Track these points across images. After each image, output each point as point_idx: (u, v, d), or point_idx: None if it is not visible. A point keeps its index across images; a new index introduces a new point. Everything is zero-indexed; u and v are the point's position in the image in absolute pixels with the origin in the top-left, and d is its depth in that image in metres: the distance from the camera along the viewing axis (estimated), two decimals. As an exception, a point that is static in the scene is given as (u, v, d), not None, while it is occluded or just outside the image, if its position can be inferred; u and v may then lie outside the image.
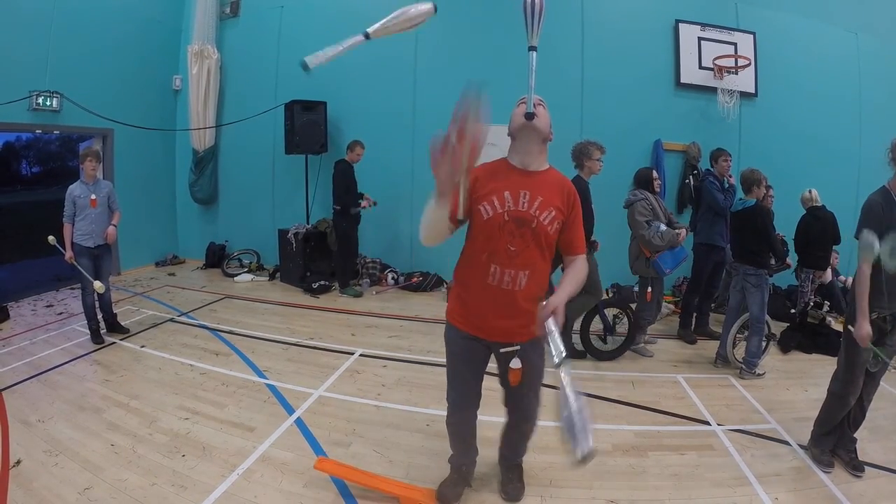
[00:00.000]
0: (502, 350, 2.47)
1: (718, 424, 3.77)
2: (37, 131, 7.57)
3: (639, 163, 6.03)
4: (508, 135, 2.45)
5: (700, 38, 7.01)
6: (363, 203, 6.97)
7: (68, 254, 5.18)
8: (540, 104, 2.41)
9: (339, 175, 6.77)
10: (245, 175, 8.96)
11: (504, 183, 2.34)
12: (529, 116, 2.32)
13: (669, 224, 4.98)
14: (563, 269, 2.45)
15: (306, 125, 7.59)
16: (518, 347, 2.42)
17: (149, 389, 4.35)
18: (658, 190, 5.21)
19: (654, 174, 5.16)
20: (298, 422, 3.76)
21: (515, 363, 2.42)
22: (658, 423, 3.82)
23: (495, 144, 7.09)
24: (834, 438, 3.30)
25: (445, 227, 2.24)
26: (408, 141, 7.48)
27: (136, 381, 4.54)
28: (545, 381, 2.69)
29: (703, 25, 7.01)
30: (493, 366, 2.65)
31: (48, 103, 7.06)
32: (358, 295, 7.01)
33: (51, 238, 5.20)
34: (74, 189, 5.24)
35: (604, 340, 5.08)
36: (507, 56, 7.19)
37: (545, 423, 2.93)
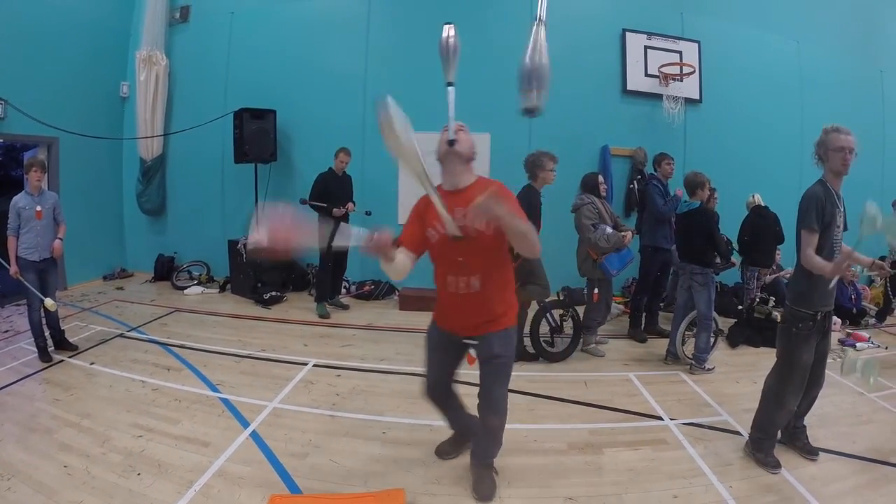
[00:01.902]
0: (464, 341, 2.83)
1: (671, 419, 3.90)
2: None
3: (587, 168, 6.20)
4: (437, 160, 2.73)
5: (646, 47, 7.23)
6: (336, 210, 6.57)
7: (13, 268, 5.01)
8: (461, 130, 2.73)
9: (315, 182, 6.63)
10: (194, 184, 8.80)
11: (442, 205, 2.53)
12: (451, 143, 2.64)
13: (616, 227, 5.13)
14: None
15: (256, 133, 7.51)
16: (476, 342, 2.79)
17: (100, 408, 4.24)
18: (605, 194, 5.37)
19: (601, 179, 5.32)
20: (254, 435, 3.74)
21: (472, 351, 2.86)
22: (612, 420, 3.92)
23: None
24: (774, 442, 3.38)
25: (406, 266, 2.68)
26: (357, 150, 7.40)
27: (87, 399, 4.42)
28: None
29: (650, 34, 7.22)
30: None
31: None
32: (324, 315, 6.70)
33: None
34: (19, 200, 5.07)
35: (551, 343, 5.18)
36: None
37: (509, 426, 2.98)
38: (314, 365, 5.04)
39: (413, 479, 3.17)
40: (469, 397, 3.18)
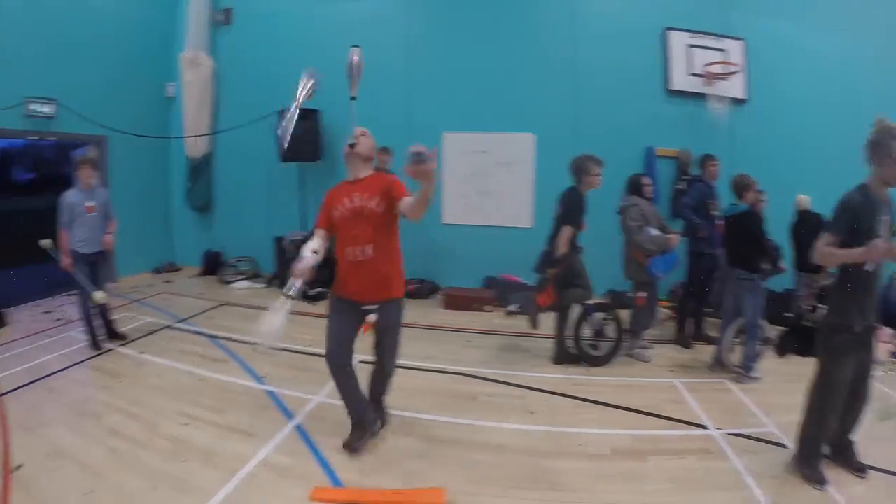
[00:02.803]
0: (363, 307, 3.35)
1: (716, 428, 3.77)
2: (31, 137, 7.57)
3: (631, 169, 6.05)
4: (343, 157, 3.44)
5: (690, 46, 7.07)
6: None
7: (65, 260, 5.19)
8: (363, 135, 3.44)
9: None
10: (241, 182, 8.99)
11: (343, 193, 3.34)
12: (352, 146, 3.34)
13: (662, 229, 5.03)
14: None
15: (300, 133, 7.56)
16: (376, 307, 3.35)
17: (148, 395, 4.36)
18: (650, 196, 5.26)
19: (645, 180, 5.22)
20: (298, 427, 3.78)
21: (371, 318, 3.34)
22: (656, 427, 3.82)
23: (486, 151, 7.10)
24: (820, 456, 3.22)
25: (324, 243, 3.40)
26: (401, 149, 7.39)
27: (136, 387, 4.55)
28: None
29: (693, 33, 7.06)
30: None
31: (42, 110, 7.11)
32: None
33: (44, 242, 5.19)
34: (70, 196, 5.25)
35: (594, 346, 5.10)
36: (497, 60, 7.28)
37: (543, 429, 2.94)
38: (359, 361, 5.00)
39: (454, 478, 3.14)
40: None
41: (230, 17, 9.01)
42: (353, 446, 3.43)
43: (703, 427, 3.80)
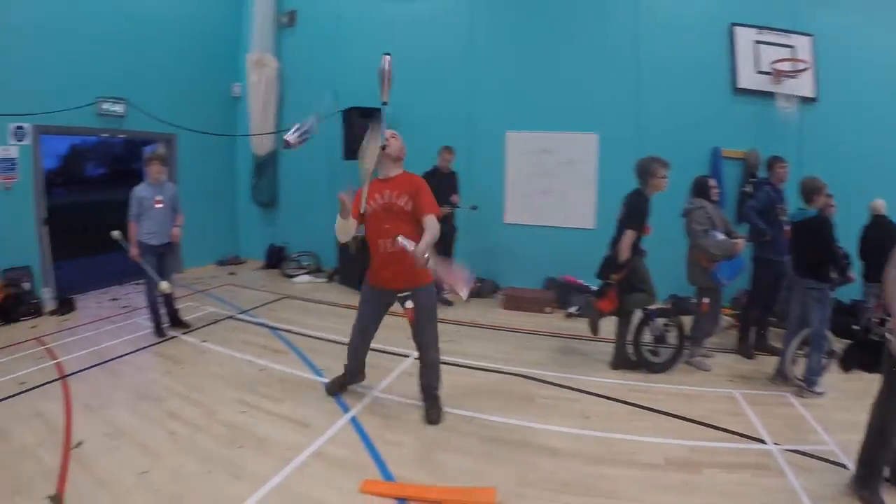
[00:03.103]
0: (399, 296, 3.71)
1: (774, 443, 3.60)
2: (103, 135, 7.92)
3: (697, 170, 5.82)
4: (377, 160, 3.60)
5: (756, 42, 6.81)
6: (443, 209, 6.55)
7: (133, 251, 5.39)
8: (393, 137, 3.69)
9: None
10: (305, 179, 9.14)
11: (375, 190, 3.65)
12: (383, 147, 3.52)
13: (728, 234, 4.86)
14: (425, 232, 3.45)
15: (364, 132, 7.63)
16: (410, 293, 3.67)
17: (209, 382, 4.50)
18: (716, 199, 5.08)
19: (712, 182, 5.05)
20: (353, 420, 3.81)
21: (409, 304, 3.67)
22: (712, 438, 3.68)
23: (549, 151, 6.98)
24: (881, 479, 3.03)
25: (353, 227, 3.71)
26: (464, 147, 7.45)
27: (197, 373, 4.70)
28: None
29: (760, 28, 6.77)
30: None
31: (114, 109, 7.47)
32: None
33: (115, 233, 5.39)
34: (140, 190, 5.47)
35: (654, 352, 4.97)
36: (560, 59, 7.20)
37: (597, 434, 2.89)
38: (416, 358, 5.02)
39: (505, 478, 3.11)
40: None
41: (294, 20, 9.23)
42: (330, 388, 4.23)
43: (761, 441, 3.64)
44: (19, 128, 6.50)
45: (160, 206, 5.49)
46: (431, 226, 3.49)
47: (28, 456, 3.34)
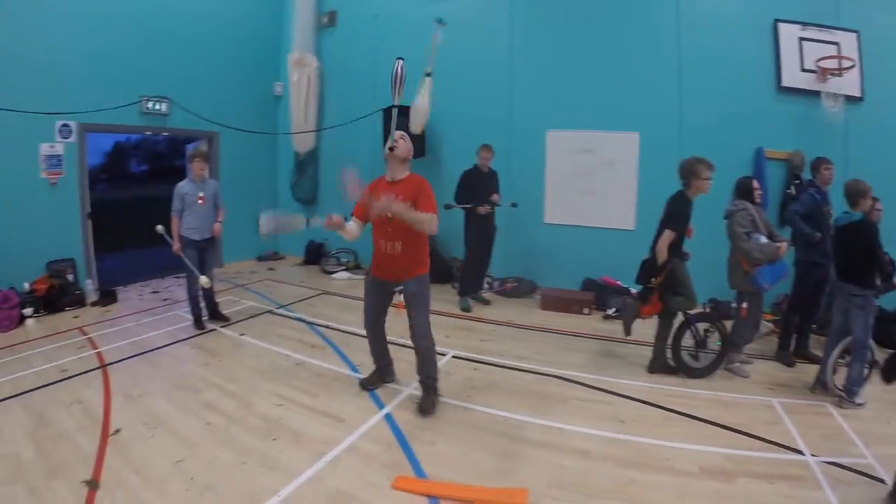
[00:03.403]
0: (395, 289, 3.92)
1: (812, 455, 3.48)
2: (146, 133, 8.12)
3: (739, 171, 5.60)
4: (384, 158, 3.83)
5: (800, 38, 6.59)
6: (480, 208, 6.53)
7: (175, 245, 5.51)
8: (401, 138, 3.79)
9: (459, 179, 6.70)
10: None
11: (382, 191, 3.71)
12: (391, 149, 3.74)
13: (770, 237, 4.73)
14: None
15: (404, 130, 7.66)
16: (402, 287, 3.84)
17: (245, 375, 4.56)
18: (759, 201, 4.95)
19: (755, 184, 4.91)
20: (388, 417, 3.82)
21: (399, 297, 3.93)
22: (749, 447, 3.57)
23: (590, 150, 6.84)
24: None
25: (356, 231, 3.93)
26: (504, 146, 7.35)
27: (234, 366, 4.77)
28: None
29: (804, 25, 6.54)
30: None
31: (157, 107, 7.68)
32: (466, 309, 6.73)
33: (159, 228, 5.52)
34: (183, 186, 5.58)
35: (695, 357, 4.86)
36: (600, 57, 7.09)
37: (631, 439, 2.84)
38: (453, 356, 5.09)
39: (537, 480, 3.08)
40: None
41: (334, 20, 9.35)
42: (364, 384, 4.27)
43: (799, 452, 3.52)
44: (65, 125, 6.70)
45: (202, 202, 5.60)
46: (423, 216, 3.59)
47: (67, 441, 3.44)
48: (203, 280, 5.45)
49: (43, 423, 3.68)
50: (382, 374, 4.32)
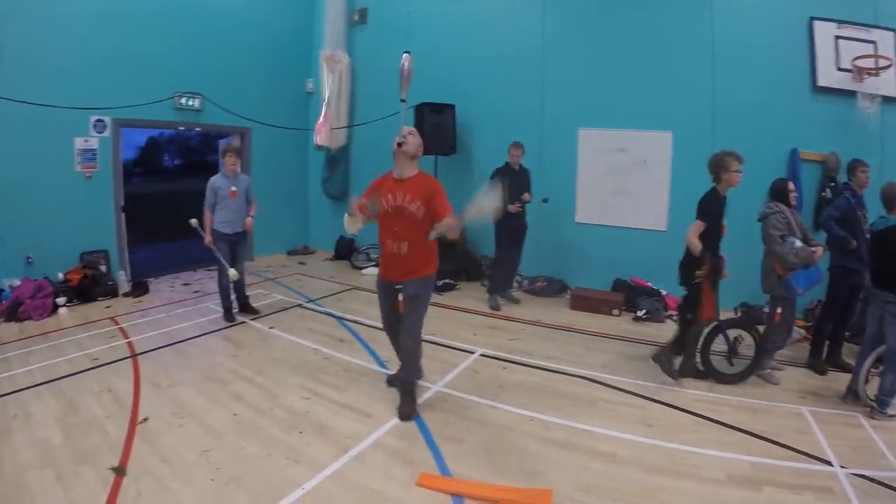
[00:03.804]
0: (395, 287, 3.74)
1: (841, 466, 3.37)
2: (179, 128, 8.26)
3: (774, 173, 5.51)
4: (392, 154, 3.64)
5: (836, 37, 6.39)
6: (511, 207, 6.41)
7: (207, 238, 5.58)
8: (410, 134, 3.64)
9: (490, 178, 6.50)
10: (376, 173, 9.09)
11: (388, 188, 3.64)
12: (400, 145, 3.58)
13: (805, 241, 4.60)
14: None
15: (436, 127, 7.70)
16: (402, 286, 3.69)
17: (274, 367, 4.60)
18: (794, 203, 4.84)
19: (790, 186, 4.79)
20: (416, 416, 3.79)
21: (400, 296, 3.72)
22: (776, 456, 3.48)
23: (623, 149, 6.64)
24: None
25: (360, 223, 3.75)
26: (535, 143, 7.36)
27: (263, 358, 4.82)
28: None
29: (840, 23, 6.32)
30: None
31: (190, 103, 7.83)
32: (495, 307, 6.71)
33: (193, 221, 5.58)
34: (216, 181, 5.66)
35: (729, 362, 4.68)
36: (633, 55, 6.97)
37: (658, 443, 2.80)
38: (481, 354, 5.06)
39: (563, 482, 3.05)
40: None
41: (365, 17, 9.39)
42: (392, 380, 4.21)
43: (827, 463, 3.41)
44: (99, 121, 6.87)
45: (235, 197, 5.67)
46: (447, 222, 3.28)
47: (96, 428, 3.50)
48: (232, 273, 5.51)
49: (73, 410, 3.75)
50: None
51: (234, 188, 5.68)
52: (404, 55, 3.85)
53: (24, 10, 6.18)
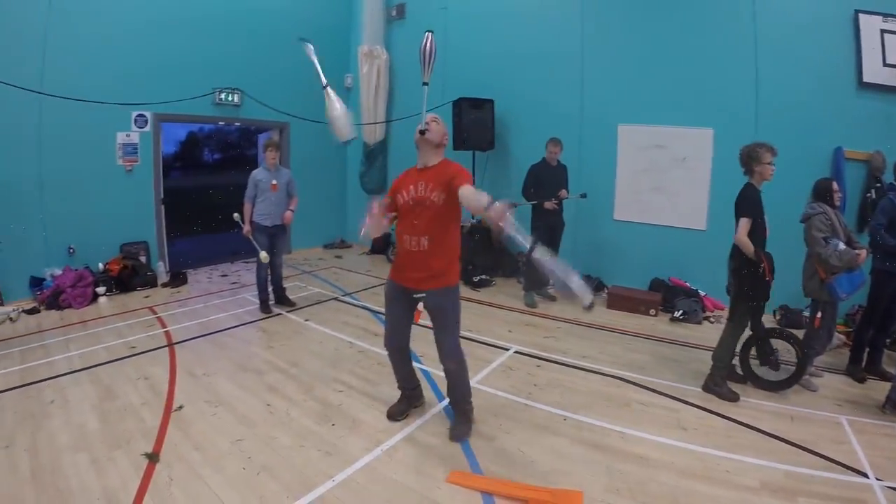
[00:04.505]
0: (415, 296, 3.36)
1: (877, 479, 3.23)
2: (219, 123, 8.42)
3: (817, 172, 5.31)
4: (414, 143, 3.35)
5: (882, 31, 6.09)
6: (547, 203, 6.42)
7: (246, 228, 5.69)
8: (434, 121, 3.34)
9: (527, 174, 6.62)
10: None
11: (410, 180, 3.35)
12: (423, 132, 3.27)
13: (849, 243, 4.44)
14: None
15: (474, 122, 7.70)
16: (424, 295, 3.31)
17: (308, 360, 4.64)
18: (838, 204, 4.68)
19: (834, 186, 4.60)
20: (447, 409, 3.77)
21: (420, 306, 3.39)
22: (811, 465, 3.35)
23: (662, 146, 6.36)
24: None
25: (384, 223, 3.32)
26: (574, 139, 7.28)
27: (298, 350, 4.86)
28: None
29: (886, 16, 6.03)
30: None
31: (230, 98, 7.97)
32: (531, 304, 6.66)
33: (235, 215, 5.71)
34: (257, 174, 5.77)
35: (773, 367, 4.51)
36: (673, 50, 6.83)
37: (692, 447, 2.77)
38: (515, 352, 5.02)
39: (594, 483, 3.00)
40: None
41: (403, 12, 9.43)
42: (392, 415, 3.68)
43: (863, 474, 3.28)
44: (140, 115, 7.03)
45: (275, 190, 5.76)
46: (467, 190, 3.00)
47: (131, 414, 3.57)
48: (263, 255, 5.61)
49: (109, 396, 3.84)
50: (411, 399, 3.80)
51: (274, 181, 5.77)
52: (426, 34, 3.51)
53: (70, 8, 6.32)
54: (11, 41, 5.89)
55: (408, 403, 3.77)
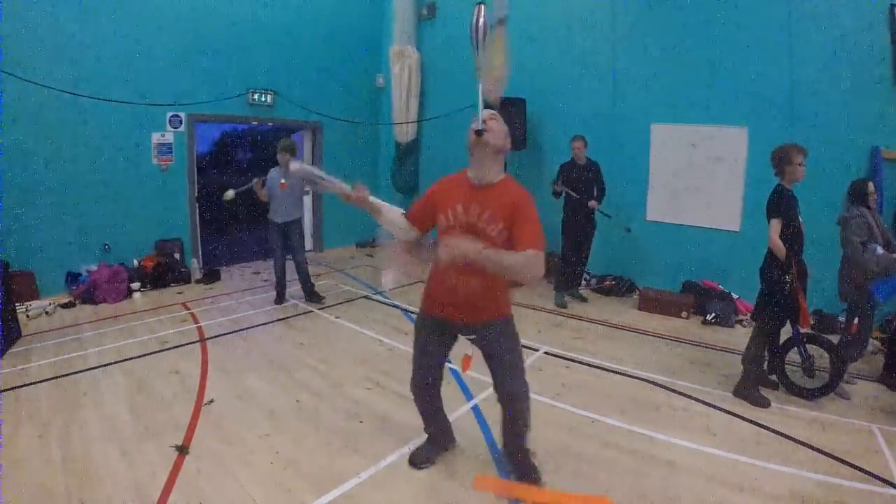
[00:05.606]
0: (457, 330, 2.74)
1: None
2: (253, 123, 8.55)
3: (853, 173, 5.28)
4: (468, 149, 2.54)
5: None
6: (592, 202, 6.44)
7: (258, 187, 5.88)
8: (492, 118, 2.52)
9: (557, 172, 6.59)
10: (445, 167, 9.10)
11: (459, 196, 2.53)
12: (479, 132, 2.43)
13: (887, 246, 4.30)
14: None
15: (505, 121, 7.67)
16: (474, 336, 2.67)
17: (338, 357, 4.66)
18: (873, 205, 4.52)
19: (871, 187, 4.48)
20: (475, 409, 3.76)
21: (469, 352, 2.72)
22: (842, 475, 3.24)
23: (696, 145, 6.15)
24: None
25: (402, 226, 2.77)
26: (606, 137, 7.26)
27: (327, 347, 4.89)
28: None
29: None
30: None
31: (263, 99, 8.07)
32: (561, 305, 6.62)
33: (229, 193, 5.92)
34: (271, 172, 5.99)
35: (811, 375, 4.33)
36: (707, 48, 6.70)
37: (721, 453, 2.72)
38: (544, 352, 4.99)
39: (620, 488, 2.95)
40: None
41: (434, 12, 9.45)
42: (414, 461, 3.08)
43: (894, 486, 3.16)
44: (175, 116, 7.16)
45: (284, 189, 5.90)
46: (517, 256, 2.28)
47: (162, 407, 3.63)
48: (228, 194, 5.85)
49: (141, 390, 3.90)
50: (439, 442, 3.19)
51: (283, 181, 5.91)
52: (476, 7, 2.54)
53: (106, 11, 6.46)
54: (49, 45, 6.03)
55: (436, 450, 3.17)
